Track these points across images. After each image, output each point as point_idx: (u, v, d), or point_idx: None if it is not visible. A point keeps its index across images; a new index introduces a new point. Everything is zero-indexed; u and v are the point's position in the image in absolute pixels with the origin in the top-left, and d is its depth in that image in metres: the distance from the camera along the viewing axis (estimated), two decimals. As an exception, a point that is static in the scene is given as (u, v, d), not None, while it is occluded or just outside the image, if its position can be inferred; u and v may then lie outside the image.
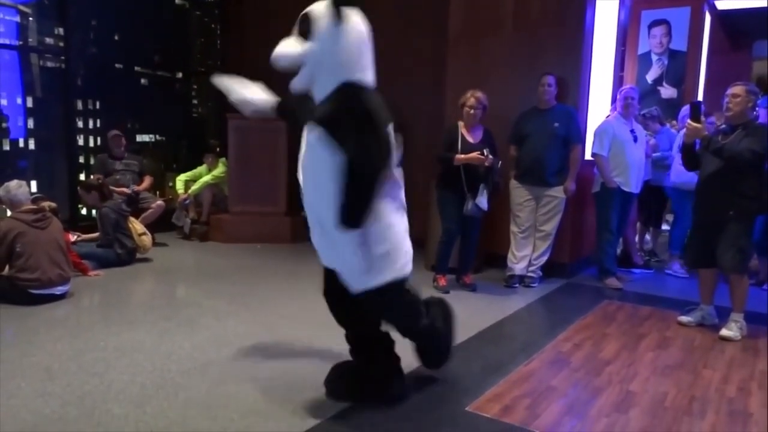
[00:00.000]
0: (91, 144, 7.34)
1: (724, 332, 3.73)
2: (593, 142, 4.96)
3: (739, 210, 3.65)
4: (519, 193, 4.92)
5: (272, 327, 3.70)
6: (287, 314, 4.00)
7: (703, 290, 4.01)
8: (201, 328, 3.64)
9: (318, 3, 2.32)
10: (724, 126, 3.90)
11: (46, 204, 4.61)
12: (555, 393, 2.84)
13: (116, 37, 7.64)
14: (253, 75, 8.78)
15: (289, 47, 2.31)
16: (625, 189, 4.94)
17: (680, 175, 5.06)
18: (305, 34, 2.29)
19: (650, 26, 8.37)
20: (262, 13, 7.72)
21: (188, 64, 8.40)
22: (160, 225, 6.43)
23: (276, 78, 2.60)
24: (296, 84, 2.34)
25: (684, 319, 4.01)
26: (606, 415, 2.61)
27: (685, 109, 5.00)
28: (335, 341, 3.39)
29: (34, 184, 6.89)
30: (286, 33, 2.38)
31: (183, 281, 5.16)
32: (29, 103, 7.16)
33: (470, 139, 4.58)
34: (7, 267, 4.04)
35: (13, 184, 4.28)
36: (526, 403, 2.69)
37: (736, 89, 3.71)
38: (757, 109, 4.19)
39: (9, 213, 4.34)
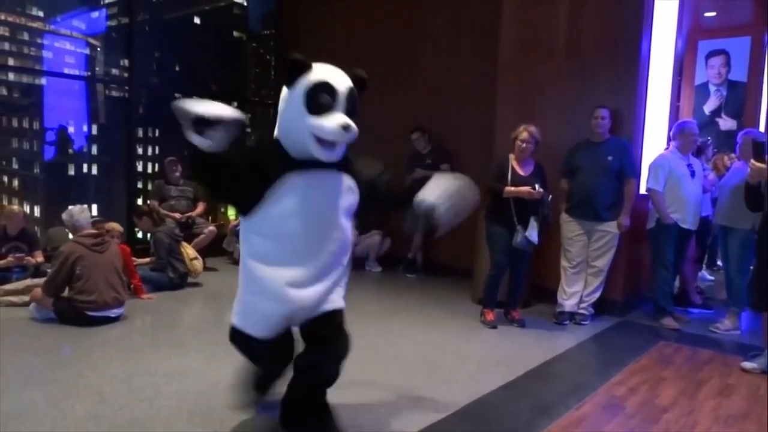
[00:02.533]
0: (149, 170, 7.62)
1: (792, 381, 3.51)
2: (648, 177, 4.81)
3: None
4: (570, 227, 4.81)
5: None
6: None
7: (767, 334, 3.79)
8: (248, 356, 3.66)
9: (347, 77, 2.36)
10: None
11: (113, 227, 4.83)
12: (608, 440, 2.72)
13: (177, 68, 7.97)
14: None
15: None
16: (682, 225, 4.77)
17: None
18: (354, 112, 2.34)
19: (708, 56, 8.19)
20: (314, 46, 7.92)
21: (243, 93, 8.66)
22: (211, 250, 6.57)
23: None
24: (337, 155, 2.35)
25: (748, 365, 3.79)
26: (664, 467, 2.48)
27: (740, 138, 4.80)
28: (379, 374, 3.38)
29: (95, 207, 7.19)
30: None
31: (231, 307, 5.21)
32: (93, 130, 7.51)
33: (521, 172, 4.53)
34: (66, 289, 4.20)
35: (76, 209, 4.46)
36: (577, 450, 2.59)
37: None
38: None
39: (71, 236, 4.53)
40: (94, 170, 7.52)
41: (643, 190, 5.01)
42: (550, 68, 5.31)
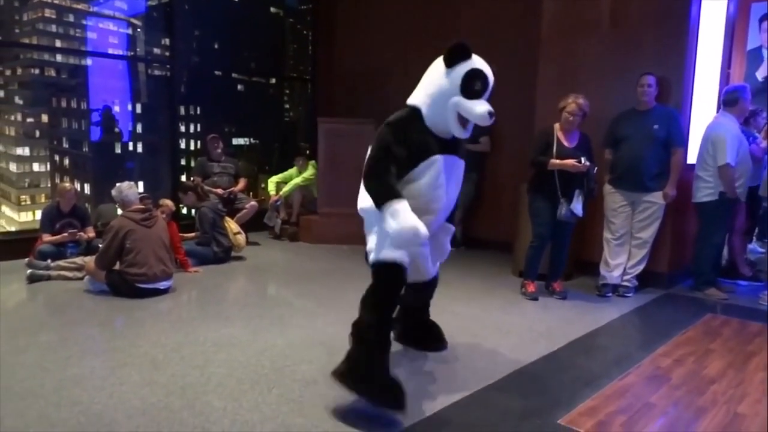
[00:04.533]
0: (192, 147, 7.79)
1: None
2: (727, 151, 4.50)
3: None
4: (614, 199, 4.72)
5: (360, 328, 3.75)
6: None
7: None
8: (292, 327, 3.76)
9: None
10: None
11: (167, 203, 5.02)
12: (654, 411, 2.69)
13: (216, 46, 8.06)
14: (343, 79, 9.08)
15: None
16: (743, 198, 4.65)
17: None
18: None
19: (762, 20, 7.77)
20: (351, 20, 7.89)
21: (281, 70, 8.71)
22: (253, 225, 6.71)
23: (365, 82, 2.76)
24: (468, 133, 2.73)
25: (800, 337, 3.69)
26: (711, 438, 2.45)
27: None
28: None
29: (140, 184, 7.41)
30: (374, 40, 2.53)
31: (274, 280, 5.35)
32: (138, 109, 7.70)
33: (566, 144, 4.44)
34: (117, 263, 4.36)
35: (125, 185, 4.61)
36: (621, 420, 2.58)
37: None
38: None
39: (120, 211, 4.69)
40: (139, 148, 7.72)
41: (691, 160, 4.86)
42: (593, 40, 5.17)
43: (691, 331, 3.90)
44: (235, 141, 8.33)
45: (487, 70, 2.64)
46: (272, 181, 7.33)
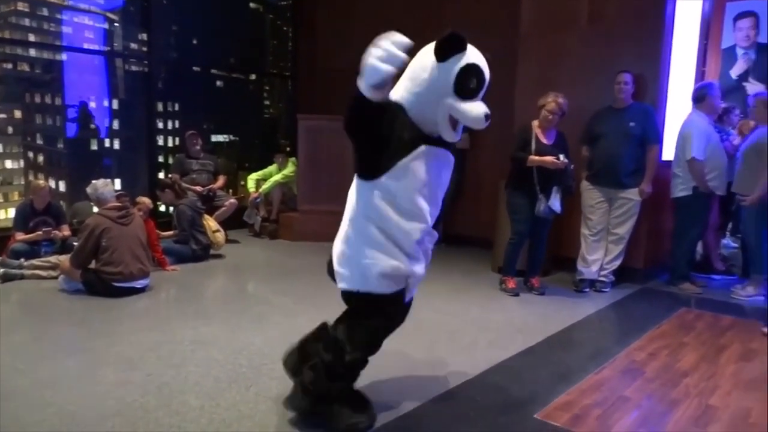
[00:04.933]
0: (170, 144, 7.70)
1: (816, 346, 3.49)
2: (693, 145, 4.61)
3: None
4: (591, 195, 4.77)
5: (339, 325, 3.75)
6: (354, 313, 4.05)
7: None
8: (271, 325, 3.75)
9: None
10: None
11: (144, 201, 4.96)
12: (628, 404, 2.74)
13: (195, 42, 7.97)
14: (323, 76, 9.01)
15: None
16: (718, 193, 4.73)
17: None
18: None
19: (736, 19, 7.91)
20: (332, 17, 7.85)
21: (261, 66, 8.65)
22: (232, 222, 6.66)
23: (346, 79, 2.64)
24: (459, 137, 2.37)
25: (770, 330, 3.77)
26: (683, 430, 2.49)
27: (752, 101, 4.76)
28: (405, 340, 3.43)
29: (117, 182, 7.31)
30: (355, 37, 2.40)
31: (253, 278, 5.32)
32: (114, 105, 7.59)
33: (545, 141, 4.48)
34: (93, 261, 4.30)
35: (100, 182, 4.55)
36: (596, 413, 2.61)
37: None
38: None
39: (95, 209, 4.62)
40: (116, 145, 7.62)
41: (666, 157, 4.94)
42: (571, 36, 5.22)
43: (665, 325, 3.96)
44: (215, 138, 8.25)
45: (483, 64, 2.29)
46: (252, 179, 7.28)
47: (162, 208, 6.89)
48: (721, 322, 4.06)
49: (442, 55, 2.21)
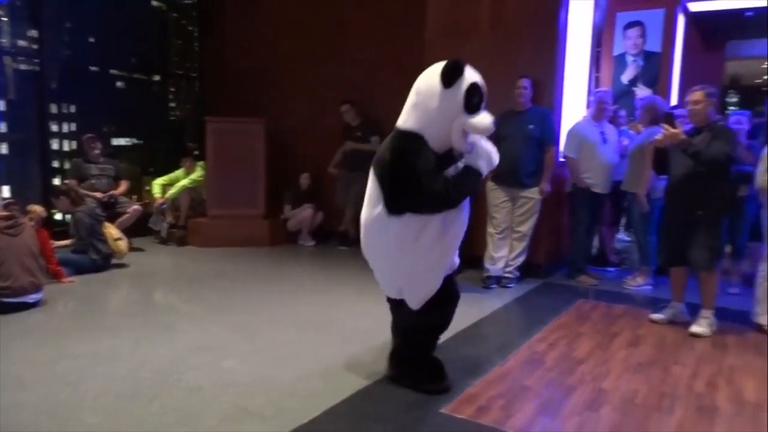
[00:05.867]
0: (66, 148, 7.24)
1: (694, 329, 3.81)
2: (564, 144, 5.06)
3: (709, 210, 3.74)
4: (495, 195, 4.97)
5: (252, 331, 3.70)
6: (267, 318, 4.00)
7: (675, 288, 4.09)
8: (178, 334, 3.63)
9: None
10: (687, 129, 3.97)
11: (36, 209, 4.62)
12: (529, 393, 2.88)
13: (91, 40, 7.54)
14: (232, 77, 8.77)
15: None
16: (595, 190, 5.05)
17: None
18: None
19: (625, 28, 8.49)
20: (240, 17, 7.70)
21: (165, 66, 8.32)
22: (137, 230, 6.38)
23: (256, 80, 2.63)
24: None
25: (656, 316, 4.09)
26: (578, 414, 2.66)
27: (639, 104, 5.22)
28: (316, 347, 3.43)
29: (6, 189, 6.78)
30: (264, 37, 2.41)
31: (160, 286, 5.13)
32: (2, 106, 7.04)
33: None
34: (-21, 275, 3.98)
35: (-15, 190, 4.22)
36: (500, 404, 2.73)
37: (696, 95, 3.81)
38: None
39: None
40: (4, 149, 7.07)
41: (562, 158, 5.23)
42: (474, 41, 5.39)
43: (564, 316, 4.20)
44: (116, 141, 7.83)
45: (480, 80, 2.64)
46: (157, 183, 7.00)
47: (59, 216, 6.49)
48: (613, 312, 4.35)
49: (449, 83, 2.56)
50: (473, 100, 2.56)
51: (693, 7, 8.22)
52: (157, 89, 8.38)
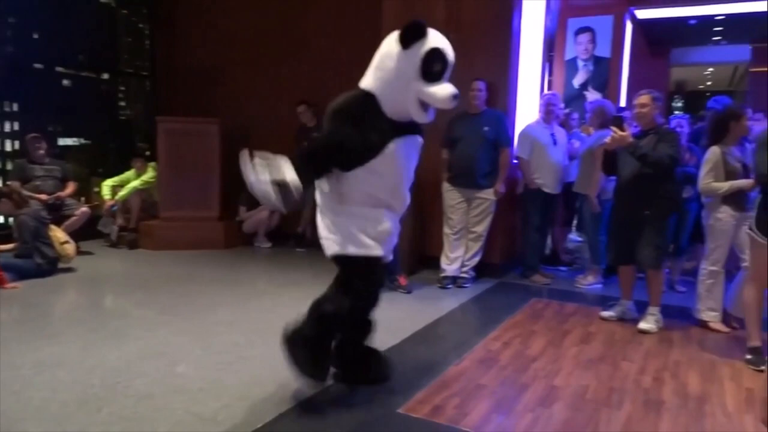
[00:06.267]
0: (9, 149, 6.95)
1: (642, 325, 3.94)
2: (516, 146, 5.17)
3: (655, 210, 3.87)
4: (451, 196, 5.02)
5: (205, 336, 3.63)
6: (221, 322, 3.93)
7: (623, 286, 4.22)
8: (129, 340, 3.52)
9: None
10: (635, 132, 4.11)
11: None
12: (484, 391, 2.92)
13: (35, 36, 7.26)
14: (184, 76, 8.58)
15: None
16: (545, 190, 5.16)
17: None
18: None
19: (576, 33, 8.72)
20: (193, 14, 7.56)
21: (115, 64, 8.08)
22: (85, 233, 6.19)
23: (210, 79, 2.58)
24: (431, 117, 2.53)
25: (605, 314, 4.21)
26: (531, 410, 2.71)
27: (589, 107, 5.40)
28: (270, 350, 3.38)
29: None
30: (218, 36, 2.36)
31: (110, 291, 4.97)
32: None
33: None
34: None
35: None
36: (455, 403, 2.76)
37: (643, 99, 3.95)
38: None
39: None
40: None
41: (515, 159, 5.33)
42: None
43: (518, 315, 4.27)
44: (62, 141, 7.55)
45: (446, 47, 2.43)
46: (107, 185, 6.79)
47: (0, 219, 6.22)
48: (565, 310, 4.46)
49: (405, 43, 2.37)
50: (433, 67, 2.37)
51: (640, 14, 8.51)
52: (106, 88, 8.13)
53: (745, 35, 10.47)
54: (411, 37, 2.36)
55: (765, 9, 7.46)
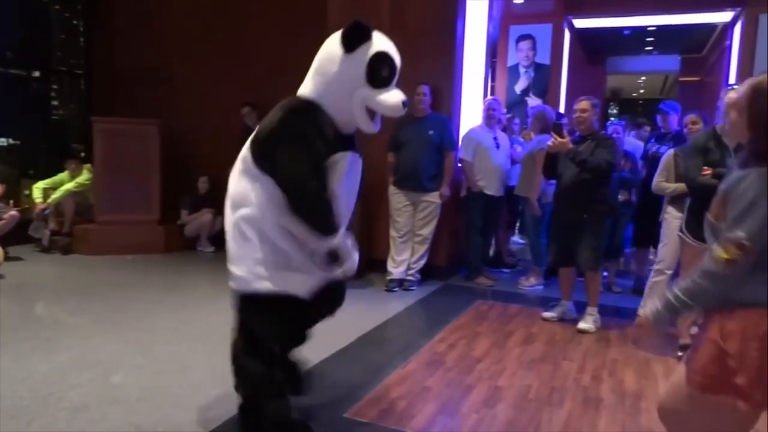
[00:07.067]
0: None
1: (581, 325, 4.07)
2: (461, 149, 5.27)
3: (593, 213, 4.00)
4: (397, 199, 5.05)
5: (144, 344, 3.50)
6: (161, 329, 3.81)
7: (563, 287, 4.35)
8: (62, 349, 3.36)
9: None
10: (574, 137, 4.24)
11: None
12: (429, 393, 2.94)
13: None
14: (122, 75, 8.28)
15: None
16: (488, 192, 5.27)
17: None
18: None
19: (518, 40, 8.95)
20: (132, 12, 7.30)
21: (47, 62, 7.72)
22: (14, 238, 5.86)
23: (149, 79, 2.47)
24: (378, 127, 2.29)
25: (547, 314, 4.32)
26: (476, 411, 2.75)
27: (530, 113, 5.56)
28: (211, 356, 3.31)
29: None
30: (158, 35, 2.26)
31: (42, 298, 4.74)
32: None
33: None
34: None
35: None
36: (402, 405, 2.77)
37: (583, 104, 4.09)
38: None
39: None
40: None
41: (460, 163, 5.41)
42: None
43: (463, 317, 4.33)
44: (-11, 141, 7.19)
45: (393, 50, 2.22)
46: (38, 187, 6.46)
47: None
48: (509, 311, 4.56)
49: (349, 46, 2.15)
50: (381, 73, 2.15)
51: (578, 23, 8.82)
52: (37, 86, 7.76)
53: (675, 46, 11.04)
54: (354, 39, 2.15)
55: (693, 21, 7.89)
